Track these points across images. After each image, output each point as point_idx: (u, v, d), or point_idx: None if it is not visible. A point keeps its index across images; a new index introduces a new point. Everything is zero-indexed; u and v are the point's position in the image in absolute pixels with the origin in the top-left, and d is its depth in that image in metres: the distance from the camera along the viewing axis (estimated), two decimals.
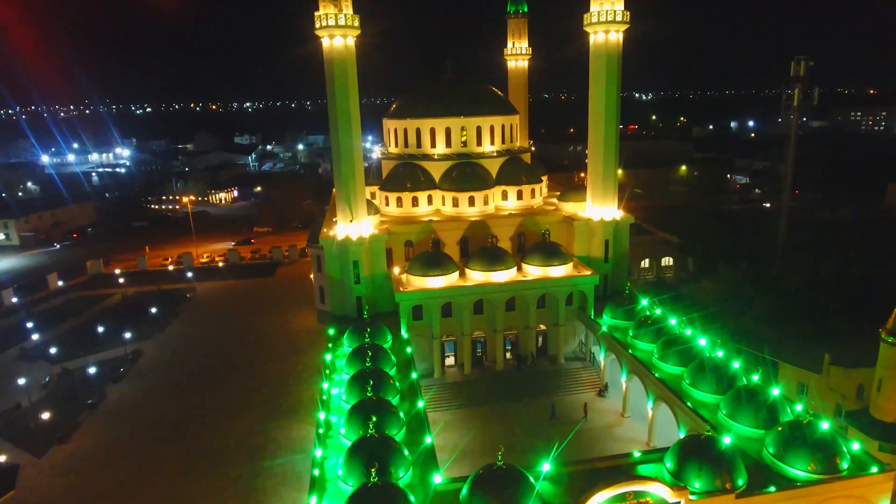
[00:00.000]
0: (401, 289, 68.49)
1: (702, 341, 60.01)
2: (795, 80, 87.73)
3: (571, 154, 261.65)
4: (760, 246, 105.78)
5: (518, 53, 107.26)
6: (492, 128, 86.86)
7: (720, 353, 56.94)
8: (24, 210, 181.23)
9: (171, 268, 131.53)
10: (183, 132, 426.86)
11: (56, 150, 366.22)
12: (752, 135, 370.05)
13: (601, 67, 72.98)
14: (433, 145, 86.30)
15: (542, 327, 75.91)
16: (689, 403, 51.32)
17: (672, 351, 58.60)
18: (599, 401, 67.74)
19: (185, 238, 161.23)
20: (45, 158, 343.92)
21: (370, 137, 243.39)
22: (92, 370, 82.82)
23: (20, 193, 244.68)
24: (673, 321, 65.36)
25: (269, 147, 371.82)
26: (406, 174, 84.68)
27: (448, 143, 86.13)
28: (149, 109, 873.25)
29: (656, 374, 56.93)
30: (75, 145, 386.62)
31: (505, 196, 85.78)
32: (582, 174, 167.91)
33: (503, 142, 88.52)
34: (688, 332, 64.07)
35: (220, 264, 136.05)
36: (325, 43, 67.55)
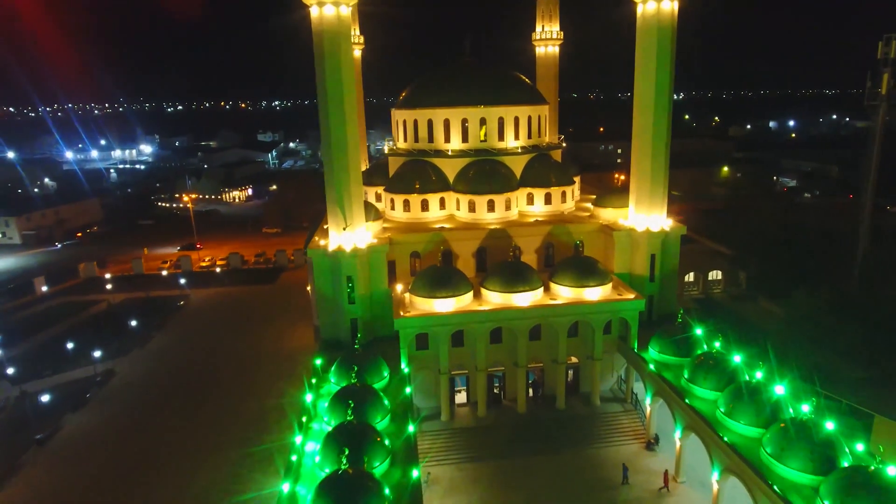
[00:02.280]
0: (402, 313, 56.15)
1: (779, 389, 46.50)
2: (884, 63, 73.03)
3: (602, 153, 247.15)
4: (828, 259, 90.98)
5: (548, 38, 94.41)
6: (516, 120, 74.05)
7: (808, 410, 43.58)
8: (27, 207, 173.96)
9: (164, 273, 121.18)
10: (208, 129, 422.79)
11: (81, 146, 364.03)
12: (794, 135, 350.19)
13: (651, 45, 59.60)
14: (447, 140, 73.87)
15: (574, 360, 62.96)
16: (776, 488, 37.95)
17: (744, 405, 45.15)
18: (646, 456, 54.56)
19: (190, 238, 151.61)
20: (68, 154, 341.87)
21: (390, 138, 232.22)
22: (54, 394, 72.55)
23: (36, 189, 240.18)
24: (738, 358, 51.78)
25: (291, 145, 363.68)
26: (415, 173, 72.44)
27: (465, 138, 73.61)
28: (180, 107, 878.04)
29: (725, 438, 43.61)
30: (102, 142, 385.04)
31: (531, 200, 72.97)
32: (616, 174, 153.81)
33: (529, 136, 75.65)
34: (759, 374, 50.69)
35: (217, 270, 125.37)
36: (314, 12, 55.53)
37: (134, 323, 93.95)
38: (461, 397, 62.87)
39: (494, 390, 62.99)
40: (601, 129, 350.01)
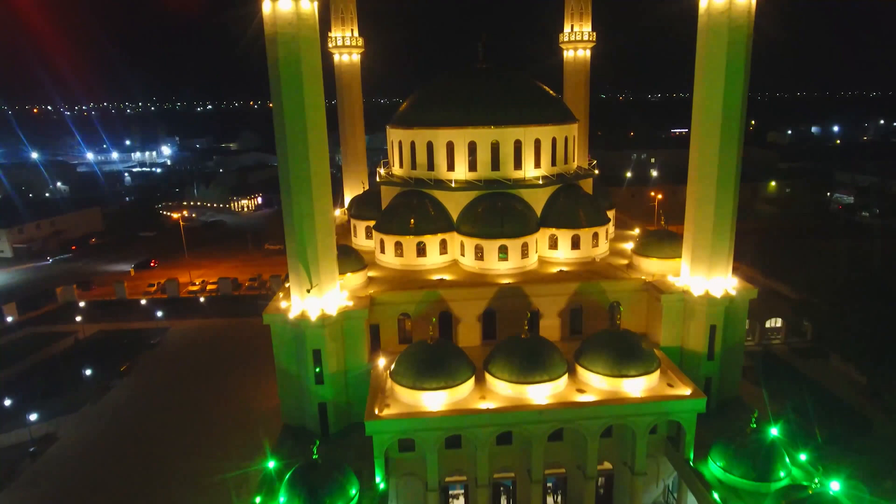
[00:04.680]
0: (376, 410, 42.01)
1: None
2: None
3: (635, 163, 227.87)
4: None
5: (578, 40, 79.76)
6: (537, 143, 59.59)
7: None
8: (23, 217, 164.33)
9: (143, 302, 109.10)
10: (231, 130, 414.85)
11: (105, 146, 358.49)
12: (838, 141, 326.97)
13: (717, 51, 44.50)
14: (451, 167, 59.76)
15: (608, 465, 48.26)
16: None
17: None
18: None
19: (191, 253, 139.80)
20: (89, 156, 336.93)
21: None
22: None
23: (47, 194, 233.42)
24: (837, 485, 36.67)
25: None
26: (410, 208, 58.42)
27: (472, 165, 59.41)
28: (209, 106, 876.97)
29: None
30: (127, 142, 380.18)
31: (554, 243, 58.50)
32: (652, 192, 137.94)
33: (553, 163, 61.10)
34: None
35: (208, 295, 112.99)
36: (266, 8, 41.88)
37: (99, 366, 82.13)
38: None
39: (501, 501, 48.69)
40: (631, 133, 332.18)
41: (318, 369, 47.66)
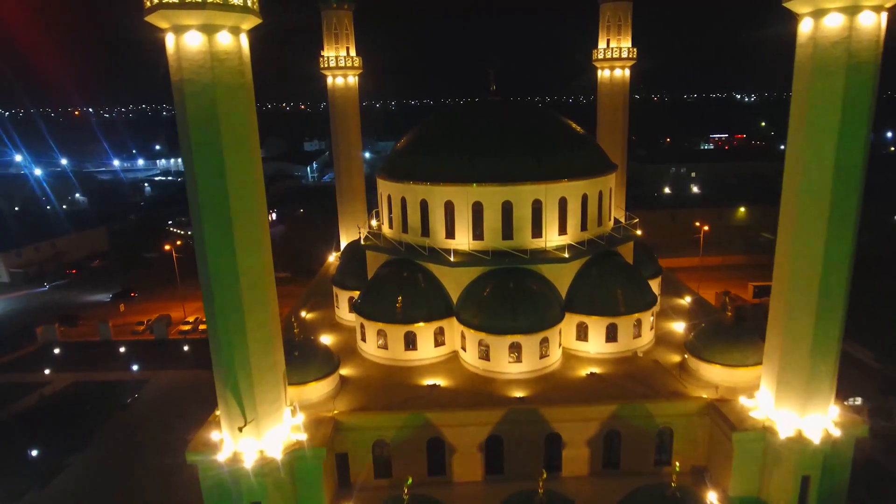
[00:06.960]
0: None
1: None
2: None
3: (673, 177, 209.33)
4: None
5: (615, 58, 66.26)
6: (563, 202, 46.13)
7: None
8: (24, 238, 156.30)
9: (121, 349, 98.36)
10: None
11: (135, 151, 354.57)
12: (893, 148, 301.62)
13: (830, 100, 30.32)
14: (450, 233, 46.70)
15: None
16: None
17: None
18: None
19: (191, 281, 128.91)
20: (115, 163, 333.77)
21: None
22: None
23: (64, 206, 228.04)
24: None
25: None
26: (398, 285, 45.63)
27: (478, 232, 46.26)
28: None
29: None
30: (157, 147, 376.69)
31: (583, 333, 45.04)
32: (698, 223, 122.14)
33: (584, 226, 47.59)
34: None
35: (185, 347, 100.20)
36: (169, 43, 29.40)
37: (57, 436, 71.48)
38: None
39: None
40: (668, 140, 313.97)
41: None
